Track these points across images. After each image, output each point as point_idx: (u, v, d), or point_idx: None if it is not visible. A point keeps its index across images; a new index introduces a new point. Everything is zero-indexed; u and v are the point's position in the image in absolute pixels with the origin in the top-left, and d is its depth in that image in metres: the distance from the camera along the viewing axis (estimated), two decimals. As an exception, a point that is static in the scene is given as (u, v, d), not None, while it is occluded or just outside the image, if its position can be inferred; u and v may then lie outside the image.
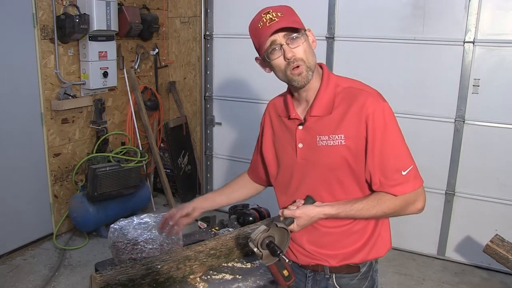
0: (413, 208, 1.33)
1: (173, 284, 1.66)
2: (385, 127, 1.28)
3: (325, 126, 1.33)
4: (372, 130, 1.28)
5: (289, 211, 1.29)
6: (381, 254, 1.43)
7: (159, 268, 1.62)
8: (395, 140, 1.31)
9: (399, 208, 1.32)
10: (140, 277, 1.58)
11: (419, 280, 3.27)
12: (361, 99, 1.30)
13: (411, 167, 1.30)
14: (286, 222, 1.28)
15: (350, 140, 1.30)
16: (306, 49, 1.30)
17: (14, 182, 3.38)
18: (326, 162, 1.33)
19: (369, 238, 1.40)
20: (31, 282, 3.07)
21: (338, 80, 1.38)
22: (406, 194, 1.30)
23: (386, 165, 1.29)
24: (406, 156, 1.32)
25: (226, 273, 1.76)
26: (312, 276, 1.46)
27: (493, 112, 3.21)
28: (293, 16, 1.31)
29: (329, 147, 1.32)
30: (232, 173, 4.25)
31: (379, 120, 1.28)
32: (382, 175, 1.30)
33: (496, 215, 3.31)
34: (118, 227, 1.83)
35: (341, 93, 1.34)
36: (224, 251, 1.81)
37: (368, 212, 1.31)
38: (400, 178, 1.29)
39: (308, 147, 1.36)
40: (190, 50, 4.46)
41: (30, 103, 3.41)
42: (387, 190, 1.30)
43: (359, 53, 3.50)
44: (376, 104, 1.29)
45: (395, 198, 1.30)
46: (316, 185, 1.36)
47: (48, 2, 3.39)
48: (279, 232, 1.28)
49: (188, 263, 1.70)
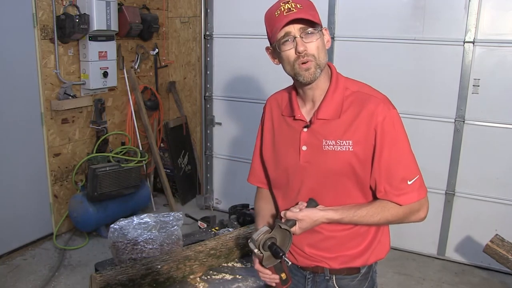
0: (416, 217, 1.33)
1: (173, 284, 1.66)
2: (394, 135, 1.27)
3: (332, 131, 1.30)
4: (381, 138, 1.26)
5: (292, 213, 1.28)
6: (381, 256, 1.43)
7: (159, 268, 1.62)
8: (403, 149, 1.29)
9: (402, 217, 1.32)
10: (140, 277, 1.58)
11: (419, 280, 3.27)
12: (371, 105, 1.28)
13: (417, 177, 1.30)
14: (288, 224, 1.26)
15: (358, 146, 1.28)
16: (320, 46, 1.27)
17: (14, 182, 3.38)
18: (331, 167, 1.31)
19: (370, 242, 1.39)
20: (31, 282, 3.07)
21: (346, 83, 1.35)
22: (411, 203, 1.30)
23: (392, 174, 1.28)
24: (413, 166, 1.30)
25: (226, 273, 1.76)
26: (311, 278, 1.45)
27: (493, 112, 3.21)
28: (312, 11, 1.27)
29: (336, 152, 1.29)
30: (232, 173, 4.25)
31: (388, 128, 1.26)
32: (388, 184, 1.29)
33: (496, 215, 3.31)
34: (118, 227, 1.83)
35: (350, 97, 1.31)
36: (224, 251, 1.81)
37: (371, 219, 1.30)
38: (405, 188, 1.28)
39: (312, 150, 1.33)
40: (190, 50, 4.46)
41: (30, 103, 3.41)
42: (392, 199, 1.30)
43: (359, 53, 3.50)
44: (386, 111, 1.27)
45: (400, 206, 1.30)
46: (319, 189, 1.34)
47: (48, 2, 3.39)
48: (282, 233, 1.26)
49: (188, 263, 1.70)
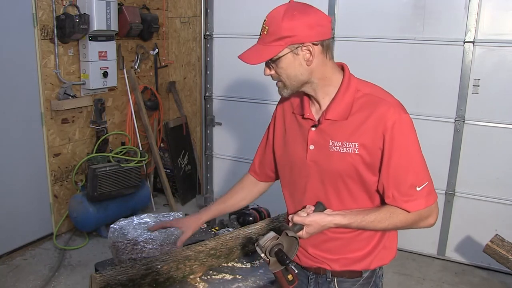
0: (425, 223, 1.31)
1: (173, 284, 1.66)
2: (404, 141, 1.24)
3: (340, 132, 1.29)
4: (390, 143, 1.24)
5: (300, 218, 1.26)
6: (384, 262, 1.41)
7: (159, 268, 1.62)
8: (413, 155, 1.27)
9: (411, 223, 1.30)
10: (140, 277, 1.58)
11: (419, 280, 3.27)
12: (382, 109, 1.25)
13: (427, 183, 1.27)
14: (295, 228, 1.26)
15: (364, 150, 1.26)
16: (285, 69, 1.26)
17: (14, 182, 3.38)
18: (336, 168, 1.30)
19: (374, 247, 1.38)
20: (31, 282, 3.07)
21: (358, 85, 1.32)
22: (419, 210, 1.28)
23: (401, 180, 1.26)
24: (422, 172, 1.28)
25: (226, 273, 1.76)
26: (314, 279, 1.45)
27: (493, 112, 3.21)
28: (269, 39, 1.22)
29: (341, 153, 1.28)
30: (232, 173, 4.25)
31: (398, 133, 1.23)
32: (396, 190, 1.27)
33: (496, 215, 3.31)
34: (118, 227, 1.83)
35: (361, 99, 1.29)
36: (224, 251, 1.81)
37: (379, 224, 1.29)
38: (414, 194, 1.26)
39: (319, 150, 1.33)
40: (190, 50, 4.46)
41: (30, 103, 3.41)
42: (400, 205, 1.27)
43: (359, 53, 3.50)
44: (397, 116, 1.24)
45: (408, 213, 1.28)
46: (324, 190, 1.34)
47: (48, 2, 3.39)
48: (288, 240, 1.26)
49: (188, 263, 1.70)
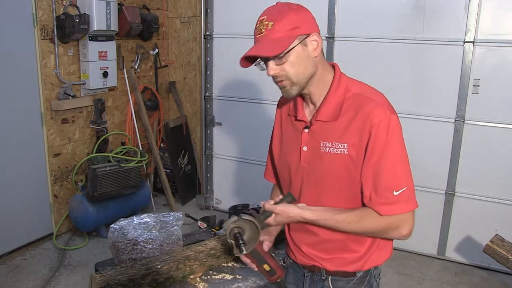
0: (396, 233, 1.28)
1: (173, 284, 1.66)
2: (386, 141, 1.22)
3: (330, 133, 1.29)
4: (373, 142, 1.22)
5: (270, 206, 1.28)
6: (378, 263, 1.41)
7: (159, 268, 1.62)
8: (394, 156, 1.24)
9: (382, 229, 1.28)
10: (140, 277, 1.58)
11: (419, 280, 3.27)
12: (368, 108, 1.23)
13: (405, 189, 1.23)
14: (263, 215, 1.28)
15: (353, 150, 1.26)
16: (295, 63, 1.22)
17: (14, 182, 3.38)
18: (328, 170, 1.30)
19: (368, 248, 1.37)
20: (31, 282, 3.07)
21: (348, 84, 1.30)
22: (391, 215, 1.24)
23: (379, 181, 1.24)
24: (402, 176, 1.24)
25: (226, 273, 1.76)
26: (309, 276, 1.46)
27: (493, 112, 3.21)
28: (279, 32, 1.18)
29: (332, 154, 1.29)
30: (232, 173, 4.25)
31: (382, 132, 1.22)
32: (374, 191, 1.25)
33: (496, 215, 3.31)
34: (118, 227, 1.83)
35: (350, 98, 1.28)
36: (224, 251, 1.81)
37: (347, 226, 1.27)
38: (390, 198, 1.23)
39: (312, 151, 1.33)
40: (190, 50, 4.46)
41: (30, 103, 3.41)
42: (374, 207, 1.25)
43: (359, 53, 3.50)
44: (383, 115, 1.22)
45: (379, 218, 1.25)
46: (318, 191, 1.34)
47: (48, 2, 3.39)
48: (250, 227, 1.26)
49: (188, 263, 1.70)
